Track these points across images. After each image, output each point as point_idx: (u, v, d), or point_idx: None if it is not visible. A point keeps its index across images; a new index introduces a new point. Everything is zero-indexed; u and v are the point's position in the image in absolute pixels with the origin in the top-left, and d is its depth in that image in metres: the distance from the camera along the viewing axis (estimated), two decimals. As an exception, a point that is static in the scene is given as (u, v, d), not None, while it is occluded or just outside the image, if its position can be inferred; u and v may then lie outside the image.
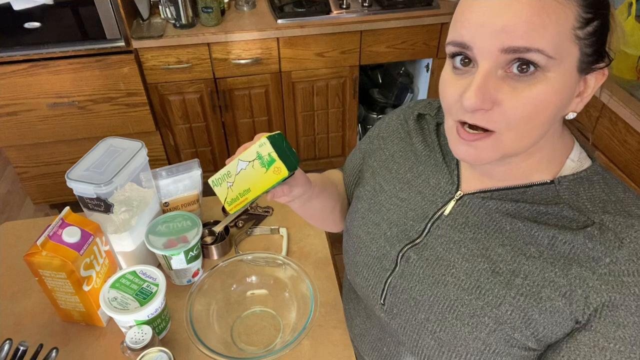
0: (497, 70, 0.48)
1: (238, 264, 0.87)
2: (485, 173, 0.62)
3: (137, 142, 0.89)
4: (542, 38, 0.46)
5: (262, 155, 0.59)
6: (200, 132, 2.17)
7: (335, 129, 2.30)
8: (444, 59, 2.13)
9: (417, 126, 0.73)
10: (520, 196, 0.59)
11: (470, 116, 0.51)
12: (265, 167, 0.59)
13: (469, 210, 0.62)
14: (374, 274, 0.69)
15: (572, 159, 0.59)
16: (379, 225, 0.70)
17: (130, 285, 0.80)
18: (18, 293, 0.94)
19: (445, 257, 0.62)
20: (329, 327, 0.86)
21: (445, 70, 0.55)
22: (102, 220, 0.85)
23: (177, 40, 1.86)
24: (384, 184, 0.72)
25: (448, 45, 0.52)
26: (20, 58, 1.78)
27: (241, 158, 0.60)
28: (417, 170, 0.70)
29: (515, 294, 0.56)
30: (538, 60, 0.46)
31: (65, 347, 0.84)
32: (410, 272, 0.65)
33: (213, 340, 0.77)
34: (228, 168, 0.62)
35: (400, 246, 0.67)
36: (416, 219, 0.66)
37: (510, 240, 0.58)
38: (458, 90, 0.51)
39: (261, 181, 0.60)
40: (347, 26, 1.95)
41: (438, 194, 0.66)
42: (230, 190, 0.62)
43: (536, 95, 0.48)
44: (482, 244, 0.59)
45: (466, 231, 0.61)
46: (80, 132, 2.00)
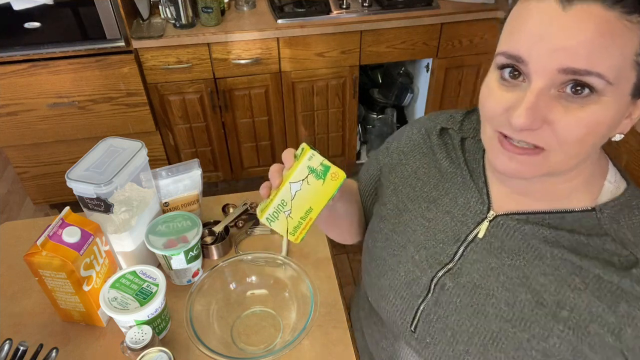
0: (551, 89, 0.46)
1: (238, 264, 0.87)
2: (518, 191, 0.59)
3: (137, 142, 0.89)
4: (604, 62, 0.43)
5: (315, 168, 0.56)
6: (200, 132, 2.17)
7: (335, 129, 2.30)
8: (444, 59, 2.15)
9: (441, 141, 0.69)
10: (559, 222, 0.56)
11: (517, 133, 0.48)
12: (322, 178, 0.56)
13: (504, 233, 0.59)
14: (402, 299, 0.66)
15: (610, 180, 0.57)
16: (405, 247, 0.67)
17: (130, 285, 0.80)
18: (18, 293, 0.94)
19: (483, 285, 0.59)
20: (329, 327, 0.86)
21: (490, 78, 0.52)
22: (102, 220, 0.85)
23: (177, 40, 1.86)
24: (408, 203, 0.69)
25: (500, 55, 0.49)
26: (20, 58, 1.78)
27: (292, 180, 0.56)
28: (442, 188, 0.66)
29: (563, 327, 0.53)
30: (596, 84, 0.44)
31: (65, 347, 0.84)
32: (446, 300, 0.61)
33: (213, 340, 0.77)
34: (281, 197, 0.57)
35: (433, 272, 0.63)
36: (447, 242, 0.63)
37: (552, 269, 0.55)
38: (504, 103, 0.49)
39: (321, 194, 0.57)
40: (347, 26, 1.95)
41: (468, 214, 0.63)
42: (289, 219, 0.58)
43: (589, 116, 0.46)
44: (522, 272, 0.56)
45: (503, 257, 0.58)
46: (80, 132, 2.00)
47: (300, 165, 0.56)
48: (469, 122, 0.69)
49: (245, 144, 2.26)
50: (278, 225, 0.59)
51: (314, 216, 0.58)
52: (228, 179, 2.38)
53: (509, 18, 0.50)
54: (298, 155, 0.59)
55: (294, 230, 0.59)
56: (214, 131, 2.17)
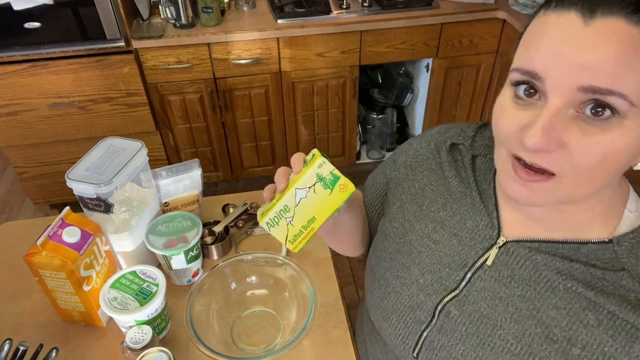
0: (569, 109, 0.43)
1: (238, 264, 0.87)
2: (532, 217, 0.56)
3: (137, 142, 0.89)
4: (628, 82, 0.40)
5: (324, 176, 0.53)
6: (200, 132, 2.17)
7: (335, 129, 2.30)
8: (444, 59, 2.15)
9: (450, 157, 0.66)
10: (573, 253, 0.53)
11: (530, 155, 0.45)
12: (330, 188, 0.54)
13: (514, 261, 0.56)
14: (405, 324, 0.64)
15: (630, 209, 0.54)
16: (409, 269, 0.64)
17: (130, 285, 0.80)
18: (18, 293, 0.94)
19: (490, 315, 0.56)
20: (329, 327, 0.86)
21: (504, 96, 0.49)
22: (102, 220, 0.85)
23: (177, 40, 1.86)
24: (414, 222, 0.66)
25: (514, 71, 0.46)
26: (20, 58, 1.78)
27: (298, 186, 0.53)
28: (451, 208, 0.63)
29: None
30: (618, 105, 0.41)
31: (65, 347, 0.84)
32: (451, 328, 0.59)
33: (213, 340, 0.77)
34: (284, 202, 0.54)
35: (438, 297, 0.61)
36: (453, 267, 0.60)
37: (564, 302, 0.52)
38: (518, 123, 0.46)
39: (327, 205, 0.54)
40: (347, 26, 1.95)
41: (477, 238, 0.60)
42: (290, 226, 0.55)
43: (609, 142, 0.42)
44: (532, 304, 0.54)
45: (513, 286, 0.56)
46: (80, 132, 2.00)
47: (309, 171, 0.54)
48: (480, 138, 0.66)
49: (245, 144, 2.26)
50: (277, 231, 0.56)
51: (317, 226, 0.56)
52: (228, 179, 2.38)
53: (525, 33, 0.47)
54: (308, 161, 0.57)
55: (293, 238, 0.56)
56: (214, 131, 2.17)
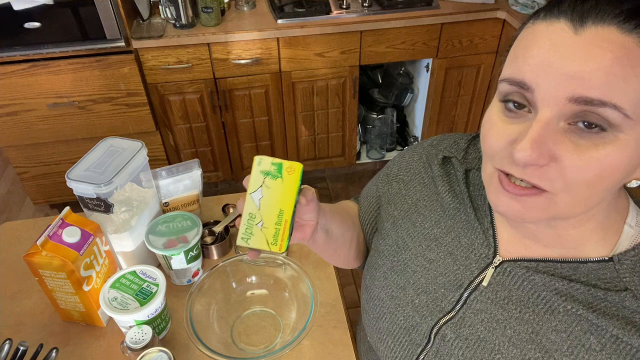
0: (560, 121, 0.41)
1: (238, 264, 0.87)
2: (528, 235, 0.54)
3: (137, 142, 0.89)
4: (621, 93, 0.38)
5: (268, 170, 0.53)
6: (200, 132, 2.17)
7: (335, 129, 2.30)
8: (444, 59, 2.15)
9: (443, 171, 0.64)
10: (573, 272, 0.51)
11: (520, 170, 0.43)
12: (280, 176, 0.54)
13: (512, 281, 0.54)
14: (401, 346, 0.62)
15: (630, 224, 0.52)
16: (404, 289, 0.62)
17: (130, 285, 0.80)
18: (18, 293, 0.94)
19: (488, 339, 0.54)
20: (329, 327, 0.86)
21: (492, 109, 0.47)
22: (102, 220, 0.85)
23: (177, 40, 1.86)
24: (408, 240, 0.64)
25: (503, 82, 0.44)
26: (20, 58, 1.78)
27: (250, 191, 0.54)
28: (444, 225, 0.61)
29: None
30: (612, 117, 0.39)
31: (65, 347, 0.84)
32: (448, 352, 0.57)
33: (213, 340, 0.77)
34: (247, 211, 0.54)
35: (434, 320, 0.59)
36: (448, 287, 0.58)
37: (564, 325, 0.50)
38: (507, 136, 0.44)
39: (286, 192, 0.54)
40: (347, 26, 1.95)
41: (472, 257, 0.58)
42: (264, 229, 0.54)
43: (603, 157, 0.40)
44: (531, 327, 0.52)
45: (510, 308, 0.54)
46: (80, 132, 2.00)
47: (252, 174, 0.54)
48: (474, 151, 0.64)
49: (245, 144, 2.26)
50: (256, 240, 0.55)
51: (289, 218, 0.55)
52: (228, 179, 2.38)
53: (514, 43, 0.45)
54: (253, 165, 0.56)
55: (274, 239, 0.55)
56: (214, 131, 2.17)
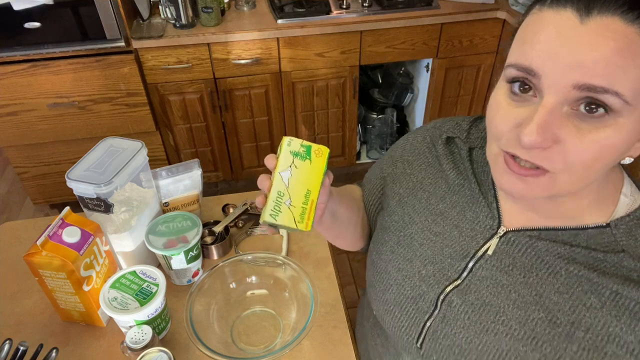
0: (563, 106, 0.43)
1: (238, 264, 0.87)
2: (530, 208, 0.57)
3: (137, 142, 0.89)
4: (622, 81, 0.41)
5: (297, 151, 0.57)
6: (200, 132, 2.17)
7: (335, 129, 2.30)
8: (444, 59, 2.15)
9: (447, 150, 0.67)
10: (573, 238, 0.54)
11: (525, 152, 0.46)
12: (308, 158, 0.57)
13: (516, 249, 0.57)
14: (407, 315, 0.64)
15: (625, 194, 0.55)
16: (411, 261, 0.65)
17: (130, 285, 0.80)
18: (18, 293, 0.94)
19: (493, 303, 0.57)
20: (329, 327, 0.86)
21: (498, 92, 0.49)
22: (102, 220, 0.85)
23: (177, 40, 1.86)
24: (414, 215, 0.67)
25: (510, 67, 0.46)
26: (20, 58, 1.78)
27: (280, 170, 0.57)
28: (450, 200, 0.64)
29: (577, 348, 0.51)
30: (613, 103, 0.42)
31: (65, 347, 0.84)
32: (454, 317, 0.60)
33: (213, 340, 0.77)
34: (276, 189, 0.57)
35: (440, 287, 0.61)
36: (455, 257, 0.61)
37: (566, 287, 0.53)
38: (513, 120, 0.46)
39: (313, 174, 0.57)
40: (347, 26, 1.95)
41: (477, 229, 0.61)
42: (292, 207, 0.57)
43: (603, 139, 0.43)
44: (535, 290, 0.55)
45: (515, 274, 0.56)
46: (80, 132, 2.00)
47: (282, 153, 0.57)
48: (476, 131, 0.67)
49: (245, 144, 2.26)
50: (283, 218, 0.57)
51: (315, 197, 0.58)
52: (228, 179, 2.38)
53: (520, 28, 0.47)
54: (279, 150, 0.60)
55: (300, 218, 0.57)
56: (214, 131, 2.17)
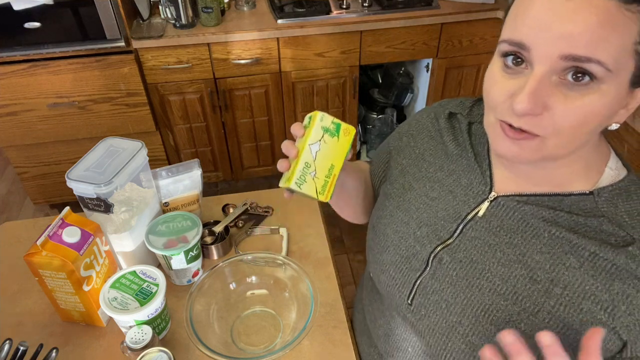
0: (552, 75, 0.47)
1: (238, 264, 0.87)
2: (520, 175, 0.61)
3: (137, 142, 0.89)
4: (604, 50, 0.45)
5: (328, 127, 0.60)
6: (200, 132, 2.17)
7: (335, 129, 2.30)
8: (444, 59, 2.15)
9: (449, 125, 0.71)
10: (558, 204, 0.58)
11: (517, 119, 0.50)
12: (337, 135, 0.60)
13: (504, 212, 0.61)
14: (401, 273, 0.68)
15: (611, 167, 0.59)
16: (407, 224, 0.69)
17: (130, 285, 0.80)
18: (18, 293, 0.94)
19: (479, 261, 0.61)
20: (329, 327, 0.86)
21: (493, 67, 0.53)
22: (102, 220, 0.85)
23: (177, 40, 1.86)
24: (414, 182, 0.72)
25: (503, 42, 0.50)
26: (20, 58, 1.78)
27: (310, 142, 0.60)
28: (448, 169, 0.69)
29: (554, 304, 0.55)
30: (596, 71, 0.46)
31: (65, 347, 0.84)
32: (443, 273, 0.64)
33: (213, 340, 0.77)
34: (304, 160, 0.60)
35: (432, 246, 0.65)
36: (447, 219, 0.65)
37: (548, 247, 0.57)
38: (507, 90, 0.50)
39: (339, 150, 0.61)
40: (347, 26, 1.95)
41: (470, 194, 0.65)
42: (316, 179, 0.61)
43: (587, 104, 0.47)
44: (519, 250, 0.58)
45: (502, 235, 0.60)
46: (80, 132, 2.00)
47: (314, 127, 0.60)
48: (478, 109, 0.71)
49: (245, 144, 2.26)
50: (307, 187, 0.61)
51: (337, 172, 0.62)
52: (228, 179, 2.38)
53: (512, 6, 0.51)
54: (307, 124, 0.62)
55: (322, 189, 0.61)
56: (214, 131, 2.17)
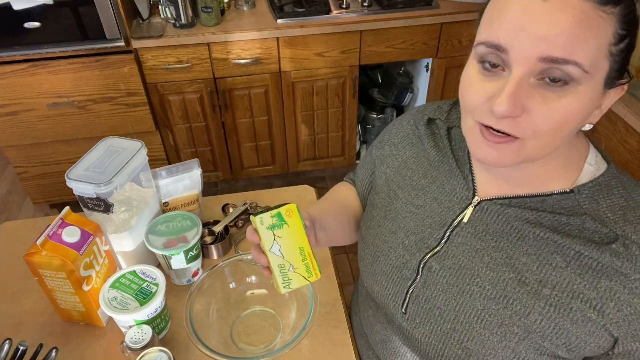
0: (530, 77, 0.47)
1: (238, 264, 0.87)
2: (501, 177, 0.61)
3: (137, 142, 0.89)
4: (581, 51, 0.45)
5: (272, 224, 0.62)
6: (200, 132, 2.17)
7: (335, 129, 2.30)
8: (444, 59, 2.15)
9: (429, 131, 0.72)
10: (540, 205, 0.58)
11: (497, 122, 0.49)
12: (285, 223, 0.62)
13: (489, 217, 0.61)
14: (393, 283, 0.68)
15: (590, 162, 0.59)
16: (395, 233, 0.69)
17: (130, 285, 0.80)
18: (18, 293, 0.94)
19: (468, 266, 0.61)
20: (329, 327, 0.86)
21: (470, 69, 0.53)
22: (102, 220, 0.85)
23: (177, 40, 1.86)
24: (399, 191, 0.72)
25: (480, 45, 0.50)
26: (20, 58, 1.78)
27: (269, 248, 0.63)
28: (431, 176, 0.69)
29: (544, 305, 0.55)
30: (574, 73, 0.46)
31: (65, 347, 0.84)
32: (434, 281, 0.64)
33: (213, 340, 0.77)
34: (275, 265, 0.63)
35: (421, 255, 0.66)
36: (434, 227, 0.65)
37: (534, 249, 0.57)
38: (485, 93, 0.50)
39: (296, 232, 0.63)
40: (347, 26, 1.95)
41: (455, 200, 0.65)
42: (297, 270, 0.64)
43: (566, 106, 0.47)
44: (506, 253, 0.59)
45: (488, 239, 0.61)
46: (80, 132, 2.00)
47: (261, 232, 0.62)
48: (455, 112, 0.72)
49: (245, 144, 2.26)
50: (295, 283, 0.65)
51: (309, 250, 0.64)
52: (228, 179, 2.38)
53: (488, 7, 0.51)
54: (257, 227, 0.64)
55: (308, 273, 0.65)
56: (214, 131, 2.17)
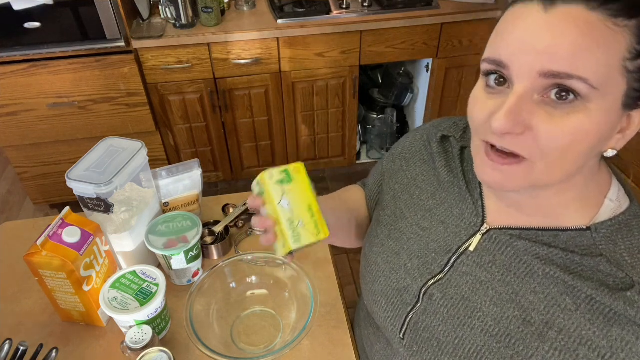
0: (534, 94, 0.45)
1: (238, 264, 0.87)
2: (512, 205, 0.58)
3: (137, 142, 0.89)
4: (586, 65, 0.42)
5: (280, 179, 0.61)
6: (200, 132, 2.17)
7: (335, 129, 2.30)
8: (444, 59, 2.15)
9: (441, 149, 0.69)
10: (553, 240, 0.54)
11: (498, 139, 0.48)
12: (292, 179, 0.61)
13: (497, 247, 0.58)
14: (393, 306, 0.66)
15: (611, 198, 0.55)
16: (398, 254, 0.67)
17: (130, 285, 0.80)
18: (18, 293, 0.94)
19: (471, 298, 0.58)
20: (329, 327, 0.86)
21: (477, 87, 0.52)
22: (102, 220, 0.85)
23: (177, 40, 1.86)
24: (405, 210, 0.69)
25: (483, 62, 0.49)
26: (20, 58, 1.78)
27: (277, 201, 0.61)
28: (439, 197, 0.66)
29: (549, 348, 0.52)
30: (579, 89, 0.43)
31: (65, 347, 0.84)
32: (434, 310, 0.61)
33: (213, 340, 0.77)
34: (284, 220, 0.61)
35: (423, 280, 0.63)
36: (439, 252, 0.63)
37: (542, 287, 0.54)
38: (488, 110, 0.48)
39: (303, 189, 0.62)
40: (347, 26, 1.95)
41: (462, 225, 0.62)
42: (306, 225, 0.62)
43: (574, 125, 0.44)
44: (512, 288, 0.56)
45: (494, 271, 0.58)
46: (80, 132, 2.00)
47: (270, 187, 0.61)
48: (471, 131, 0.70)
49: (245, 144, 2.26)
50: (305, 238, 0.62)
51: (316, 207, 0.62)
52: (228, 179, 2.38)
53: (496, 27, 0.49)
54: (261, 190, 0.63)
55: (316, 230, 0.62)
56: (214, 131, 2.17)
